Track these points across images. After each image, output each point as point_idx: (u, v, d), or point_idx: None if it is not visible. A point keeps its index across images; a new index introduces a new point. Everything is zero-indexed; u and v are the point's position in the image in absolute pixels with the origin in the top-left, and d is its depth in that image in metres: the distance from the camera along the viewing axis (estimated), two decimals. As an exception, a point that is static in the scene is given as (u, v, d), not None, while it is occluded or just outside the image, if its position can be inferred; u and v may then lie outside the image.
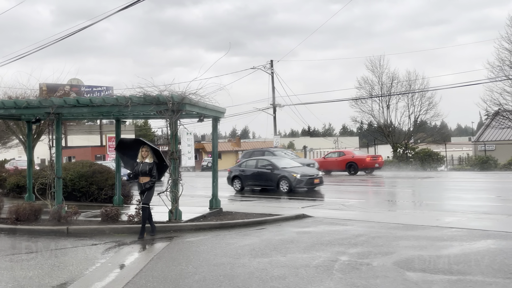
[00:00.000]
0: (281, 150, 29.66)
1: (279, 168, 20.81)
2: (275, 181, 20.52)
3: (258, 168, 21.68)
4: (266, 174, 21.05)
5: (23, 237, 10.37)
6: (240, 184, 22.01)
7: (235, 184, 22.22)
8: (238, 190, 21.88)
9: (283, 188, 20.12)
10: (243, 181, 21.95)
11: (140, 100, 11.81)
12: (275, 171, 20.71)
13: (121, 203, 15.49)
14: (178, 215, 11.79)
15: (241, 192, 21.39)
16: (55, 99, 12.29)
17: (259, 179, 21.47)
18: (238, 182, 22.12)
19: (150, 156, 10.37)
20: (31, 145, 16.65)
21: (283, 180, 20.29)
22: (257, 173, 21.54)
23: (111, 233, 10.63)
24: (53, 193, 12.63)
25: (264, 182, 21.26)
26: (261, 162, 22.04)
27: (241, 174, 22.08)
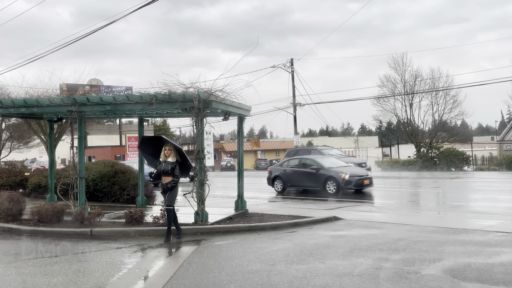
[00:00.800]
0: (329, 149, 27.86)
1: (325, 167, 19.49)
2: (321, 182, 19.20)
3: (301, 167, 20.37)
4: (311, 174, 19.71)
5: (45, 240, 10.01)
6: (281, 185, 20.75)
7: (276, 185, 20.98)
8: (279, 191, 20.65)
9: (330, 190, 18.80)
10: (285, 182, 20.68)
11: (165, 98, 11.37)
12: (321, 171, 19.39)
13: (144, 204, 15.11)
14: (205, 217, 11.34)
15: (283, 194, 20.17)
16: (77, 97, 11.92)
17: (303, 179, 20.15)
18: (279, 183, 20.87)
19: (173, 155, 9.94)
20: (52, 144, 16.38)
21: (330, 180, 18.95)
22: (300, 173, 20.23)
23: (136, 235, 10.21)
24: (75, 193, 12.28)
25: (309, 183, 19.94)
26: (305, 161, 20.70)
27: (282, 175, 20.83)
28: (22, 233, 10.70)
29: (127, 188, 16.59)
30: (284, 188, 20.68)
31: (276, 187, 20.99)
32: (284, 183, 20.69)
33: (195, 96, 11.13)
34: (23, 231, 10.78)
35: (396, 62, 47.72)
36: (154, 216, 11.01)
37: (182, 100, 11.25)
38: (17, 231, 10.85)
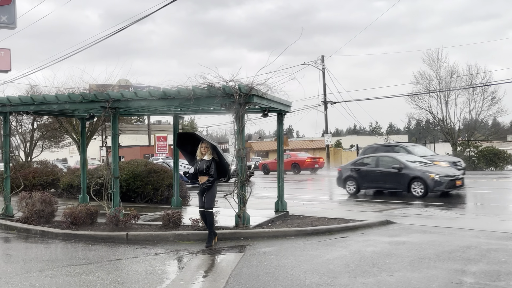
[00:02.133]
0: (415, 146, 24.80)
1: (409, 167, 17.27)
2: (405, 183, 17.03)
3: (380, 167, 18.16)
4: (392, 174, 17.43)
5: (79, 244, 9.37)
6: (355, 186, 18.55)
7: (348, 186, 18.81)
8: (352, 193, 18.49)
9: (416, 192, 16.61)
10: (360, 182, 18.51)
11: (203, 93, 10.62)
12: (405, 171, 17.13)
13: (179, 205, 14.43)
14: (246, 220, 10.54)
15: (356, 196, 18.16)
16: (111, 92, 11.28)
17: (382, 180, 17.91)
18: (352, 184, 18.69)
19: (209, 153, 9.16)
20: (85, 143, 15.86)
21: (416, 181, 16.75)
22: (378, 172, 18.02)
23: (175, 240, 9.48)
24: (109, 194, 11.65)
25: (389, 183, 17.76)
26: (384, 159, 18.45)
27: (356, 174, 18.66)
28: (55, 237, 10.10)
29: (160, 188, 15.95)
30: (358, 189, 18.54)
31: (348, 188, 18.82)
32: (358, 184, 18.55)
33: (235, 90, 10.34)
34: (55, 234, 10.18)
35: (431, 58, 46.08)
36: (193, 218, 10.26)
37: (221, 95, 10.48)
38: (50, 234, 10.26)
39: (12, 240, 10.12)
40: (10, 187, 12.87)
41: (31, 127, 25.53)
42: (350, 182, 18.81)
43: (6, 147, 12.74)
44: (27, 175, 17.81)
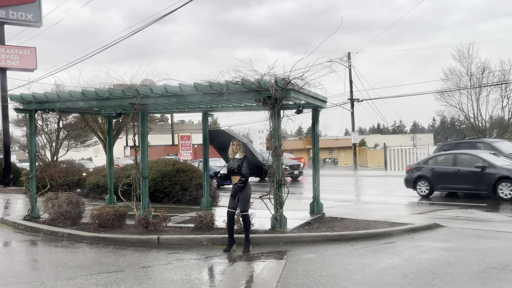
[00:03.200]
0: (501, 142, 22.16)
1: (495, 165, 15.52)
2: (489, 184, 15.25)
3: (458, 165, 16.43)
4: (474, 174, 15.76)
5: (108, 249, 8.82)
6: (428, 187, 16.88)
7: (419, 186, 17.17)
8: (424, 194, 16.89)
9: (504, 194, 14.82)
10: (434, 183, 16.81)
11: (236, 87, 9.96)
12: (489, 170, 15.38)
13: (209, 206, 13.83)
14: (283, 223, 9.87)
15: (428, 198, 16.56)
16: (140, 88, 10.72)
17: (462, 180, 16.16)
18: (424, 184, 17.03)
19: (241, 151, 8.52)
20: (111, 142, 15.39)
21: (504, 182, 14.94)
22: (457, 172, 16.27)
23: (209, 244, 8.85)
24: (138, 195, 11.11)
25: (470, 184, 16.00)
26: (463, 157, 16.73)
27: (429, 174, 16.97)
28: (82, 240, 9.58)
29: (189, 188, 15.41)
30: (431, 190, 16.85)
31: (419, 189, 17.16)
32: (432, 184, 16.84)
33: (271, 84, 9.66)
34: (83, 238, 9.66)
35: (461, 54, 44.66)
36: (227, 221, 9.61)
37: (256, 89, 9.82)
38: (77, 237, 9.75)
39: (38, 243, 9.64)
40: (36, 187, 12.45)
41: (56, 126, 25.29)
42: (422, 183, 17.17)
43: (31, 145, 12.32)
44: (53, 174, 17.48)
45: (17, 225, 11.27)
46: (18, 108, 12.12)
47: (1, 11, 22.48)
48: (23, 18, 23.10)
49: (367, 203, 15.91)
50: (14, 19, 23.01)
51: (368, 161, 62.50)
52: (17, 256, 8.44)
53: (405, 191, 17.88)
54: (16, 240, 9.98)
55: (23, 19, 23.16)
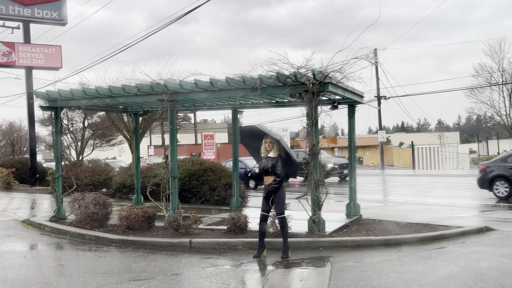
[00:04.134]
0: None
1: None
2: None
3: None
4: None
5: (137, 253, 8.32)
6: (507, 188, 15.08)
7: (496, 187, 15.42)
8: (503, 196, 15.13)
9: None
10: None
11: (270, 82, 9.37)
12: None
13: (239, 206, 13.30)
14: (322, 226, 9.24)
15: (508, 201, 14.79)
16: (169, 83, 10.22)
17: None
18: (503, 185, 15.21)
19: (275, 149, 7.87)
20: (138, 141, 14.97)
21: None
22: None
23: (244, 248, 8.29)
24: (167, 195, 10.62)
25: None
26: None
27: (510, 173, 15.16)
28: (110, 243, 9.12)
29: (217, 188, 14.89)
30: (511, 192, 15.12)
31: (496, 190, 15.42)
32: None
33: (309, 78, 9.05)
34: (111, 241, 9.20)
35: (492, 49, 43.22)
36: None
37: (292, 83, 9.21)
38: (105, 240, 9.29)
39: (65, 246, 9.21)
40: (62, 187, 12.07)
41: (82, 125, 25.11)
42: (500, 183, 15.40)
43: (57, 144, 11.95)
44: (79, 174, 17.17)
45: (43, 226, 10.90)
46: (44, 105, 11.75)
47: (27, 10, 22.37)
48: (48, 16, 22.94)
49: (402, 204, 15.14)
50: (40, 17, 22.87)
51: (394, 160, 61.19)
52: (44, 261, 8.02)
53: (440, 191, 17.09)
54: (42, 242, 9.59)
55: (48, 18, 23.00)
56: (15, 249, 9.02)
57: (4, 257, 8.10)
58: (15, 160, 26.81)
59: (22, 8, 22.25)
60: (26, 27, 23.16)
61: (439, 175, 30.38)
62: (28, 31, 23.23)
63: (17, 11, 22.18)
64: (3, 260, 7.90)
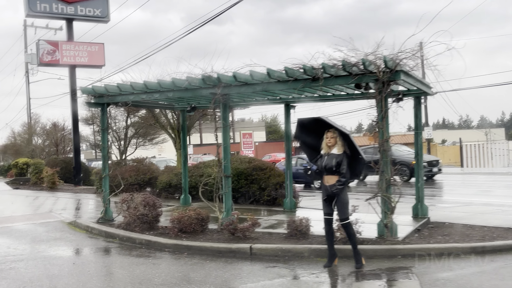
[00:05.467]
0: None
1: None
2: None
3: None
4: None
5: (193, 260, 7.60)
6: None
7: None
8: None
9: None
10: None
11: (333, 71, 8.50)
12: None
13: (293, 207, 12.48)
14: (394, 230, 8.31)
15: None
16: (222, 76, 9.47)
17: None
18: None
19: (339, 145, 6.93)
20: (185, 138, 14.34)
21: None
22: None
23: (311, 256, 7.44)
24: (220, 196, 9.91)
25: None
26: None
27: None
28: (163, 248, 8.44)
29: (267, 187, 14.09)
30: None
31: None
32: None
33: (379, 66, 8.13)
34: (163, 245, 8.52)
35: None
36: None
37: (359, 72, 8.30)
38: (157, 245, 8.63)
39: (115, 251, 8.59)
40: (109, 187, 11.53)
41: (125, 124, 24.84)
42: None
43: (104, 142, 11.42)
44: (124, 173, 16.71)
45: (91, 229, 10.37)
46: (90, 102, 11.24)
47: (70, 8, 22.21)
48: (91, 13, 22.73)
49: (467, 204, 13.93)
50: (83, 15, 22.70)
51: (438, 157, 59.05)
52: (93, 268, 7.39)
53: (503, 190, 15.74)
54: (91, 247, 9.01)
55: (91, 15, 22.79)
56: (63, 254, 8.47)
57: (53, 264, 7.54)
58: (59, 160, 26.81)
59: (65, 6, 22.11)
60: (69, 25, 23.03)
61: (495, 173, 28.66)
62: (71, 29, 23.09)
63: (61, 9, 22.05)
64: (52, 267, 7.32)
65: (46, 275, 6.83)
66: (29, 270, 7.09)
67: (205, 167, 15.54)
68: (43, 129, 36.43)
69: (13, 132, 40.99)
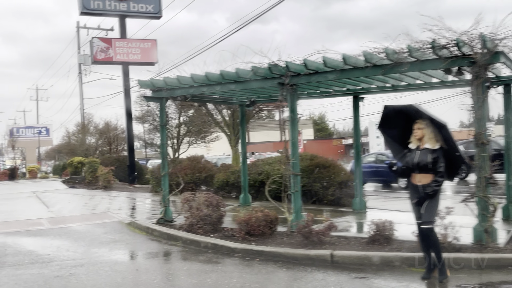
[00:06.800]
0: None
1: None
2: None
3: None
4: None
5: (268, 267, 6.79)
6: None
7: None
8: None
9: None
10: None
11: (418, 55, 7.49)
12: None
13: (363, 208, 11.51)
14: (494, 236, 7.23)
15: None
16: (291, 64, 8.63)
17: None
18: None
19: (432, 138, 5.88)
20: (244, 134, 13.63)
21: None
22: None
23: (402, 265, 6.48)
24: (288, 196, 9.09)
25: None
26: None
27: None
28: (231, 253, 7.68)
29: (331, 186, 13.15)
30: None
31: None
32: None
33: (474, 47, 7.07)
34: (232, 250, 7.76)
35: None
36: (414, 231, 7.16)
37: (451, 55, 7.26)
38: (224, 249, 7.88)
39: (179, 256, 7.91)
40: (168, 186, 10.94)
41: (177, 121, 24.47)
42: None
43: (163, 139, 10.83)
44: (179, 172, 16.19)
45: (151, 230, 9.77)
46: (149, 96, 10.67)
47: (123, 4, 21.99)
48: (144, 10, 22.45)
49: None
50: (135, 11, 22.45)
51: None
52: (159, 276, 6.70)
53: None
54: (154, 250, 8.38)
55: (144, 11, 22.52)
56: (124, 258, 7.89)
57: (115, 270, 6.92)
58: (113, 158, 26.82)
59: (118, 3, 21.92)
60: (122, 23, 22.86)
61: None
62: (124, 26, 22.91)
63: (114, 6, 21.88)
64: (114, 274, 6.70)
65: (109, 283, 6.21)
66: (91, 277, 6.50)
67: (263, 165, 14.78)
68: (96, 128, 36.83)
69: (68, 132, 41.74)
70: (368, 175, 18.23)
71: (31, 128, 59.52)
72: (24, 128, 60.30)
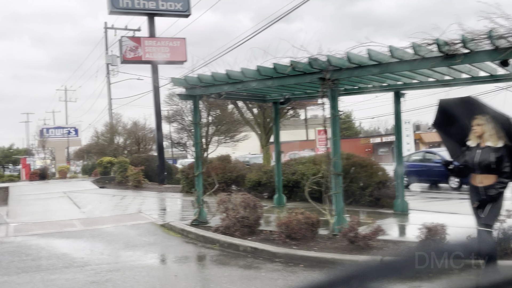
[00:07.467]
0: None
1: None
2: None
3: None
4: None
5: (314, 275, 6.35)
6: None
7: None
8: None
9: None
10: None
11: (472, 46, 6.95)
12: None
13: (405, 210, 10.98)
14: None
15: None
16: (332, 58, 8.17)
17: None
18: None
19: (493, 135, 5.33)
20: (278, 133, 13.20)
21: None
22: None
23: (461, 273, 5.95)
24: (330, 197, 8.65)
25: None
26: None
27: None
28: (273, 258, 7.27)
29: (369, 186, 12.62)
30: None
31: None
32: None
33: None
34: (273, 255, 7.35)
35: None
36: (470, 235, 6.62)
37: (509, 45, 6.70)
38: (264, 254, 7.47)
39: (217, 261, 7.53)
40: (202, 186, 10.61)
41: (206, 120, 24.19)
42: None
43: (197, 138, 10.52)
44: (210, 171, 15.88)
45: (186, 232, 9.44)
46: (182, 94, 10.36)
47: (152, 3, 21.83)
48: (172, 8, 22.24)
49: None
50: (164, 9, 22.27)
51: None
52: (199, 283, 6.34)
53: None
54: (190, 254, 8.04)
55: (172, 9, 22.30)
56: (161, 263, 7.58)
57: (152, 276, 6.58)
58: (142, 158, 26.68)
59: (147, 1, 21.76)
60: (150, 21, 22.70)
61: None
62: (153, 25, 22.74)
63: (143, 4, 21.72)
64: (152, 280, 6.37)
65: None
66: (128, 284, 6.18)
67: (296, 164, 14.35)
68: (124, 128, 36.89)
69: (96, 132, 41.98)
70: (414, 175, 17.59)
71: (60, 128, 60.22)
72: (53, 128, 61.08)
